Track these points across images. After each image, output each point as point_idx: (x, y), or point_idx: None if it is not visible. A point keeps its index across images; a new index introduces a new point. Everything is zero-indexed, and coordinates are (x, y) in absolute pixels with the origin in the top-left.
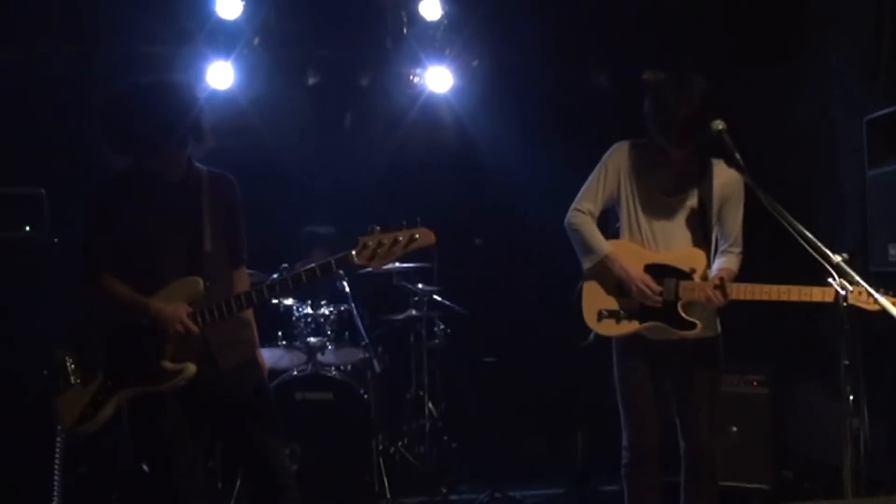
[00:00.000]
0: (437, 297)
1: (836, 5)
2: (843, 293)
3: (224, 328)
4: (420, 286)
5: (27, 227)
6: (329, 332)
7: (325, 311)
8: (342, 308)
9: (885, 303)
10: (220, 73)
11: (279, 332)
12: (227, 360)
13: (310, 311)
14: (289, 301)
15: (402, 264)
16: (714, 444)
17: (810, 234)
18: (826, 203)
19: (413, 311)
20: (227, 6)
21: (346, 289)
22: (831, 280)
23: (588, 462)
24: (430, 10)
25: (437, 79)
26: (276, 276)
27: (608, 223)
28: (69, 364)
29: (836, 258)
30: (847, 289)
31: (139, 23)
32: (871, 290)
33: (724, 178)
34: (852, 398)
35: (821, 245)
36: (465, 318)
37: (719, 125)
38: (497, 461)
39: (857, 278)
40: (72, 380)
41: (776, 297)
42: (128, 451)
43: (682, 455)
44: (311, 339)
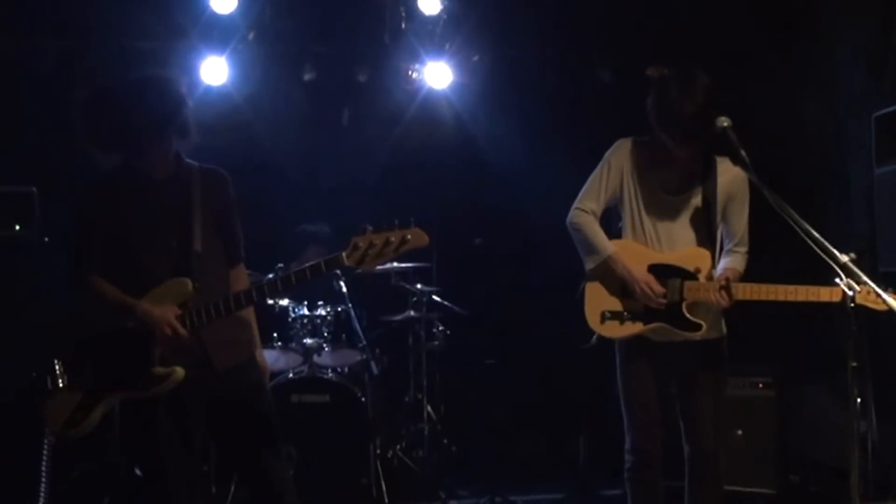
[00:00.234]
0: (436, 298)
1: None
2: (850, 293)
3: (220, 329)
4: (419, 286)
5: (17, 226)
6: (326, 334)
7: (321, 311)
8: (339, 309)
9: (893, 303)
10: (214, 69)
11: (275, 334)
12: (223, 362)
13: (306, 311)
14: (285, 302)
15: (401, 264)
16: (719, 448)
17: (817, 234)
18: (833, 201)
19: (412, 312)
20: (221, 0)
21: (344, 289)
22: (838, 280)
23: (590, 466)
24: (429, 4)
25: (437, 74)
26: (271, 276)
27: (611, 222)
28: (58, 367)
29: (844, 258)
30: (854, 289)
31: (132, 18)
32: (878, 290)
33: (729, 175)
34: (860, 400)
35: (828, 244)
36: (464, 319)
37: (724, 122)
38: (497, 465)
39: (865, 278)
40: (60, 382)
41: (782, 297)
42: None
43: (686, 459)
44: (308, 341)
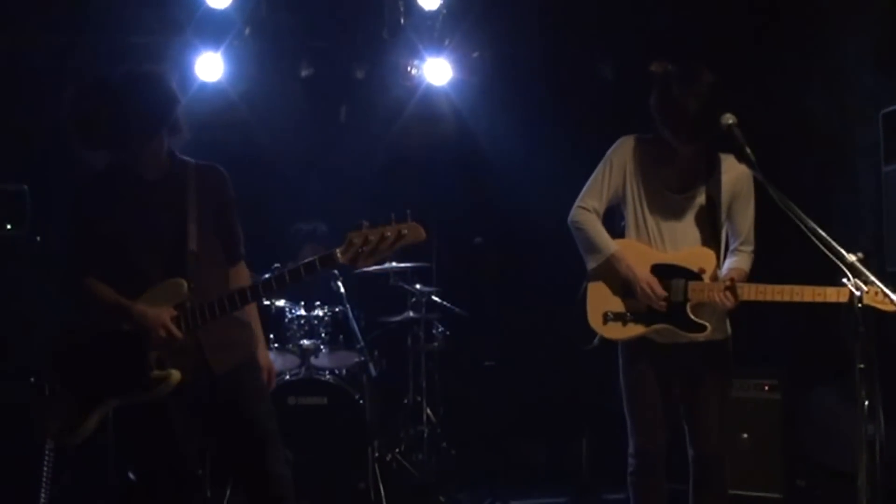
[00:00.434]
0: (435, 298)
1: None
2: (857, 294)
3: (217, 330)
4: (418, 287)
5: (9, 226)
6: (323, 335)
7: (318, 312)
8: (337, 309)
9: None
10: (209, 65)
11: (271, 335)
12: (221, 364)
13: (303, 312)
14: (281, 302)
15: (400, 264)
16: (724, 452)
17: (824, 233)
18: (840, 200)
19: (411, 313)
20: None
21: (342, 289)
22: (845, 280)
23: (593, 470)
24: None
25: (436, 71)
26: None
27: (614, 222)
28: (54, 370)
29: (851, 257)
30: (862, 289)
31: (126, 12)
32: (886, 290)
33: (734, 173)
34: (868, 403)
35: (835, 244)
36: (464, 319)
37: (730, 119)
38: (498, 469)
39: (873, 278)
40: (56, 387)
41: (788, 297)
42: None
43: (690, 463)
44: (305, 342)
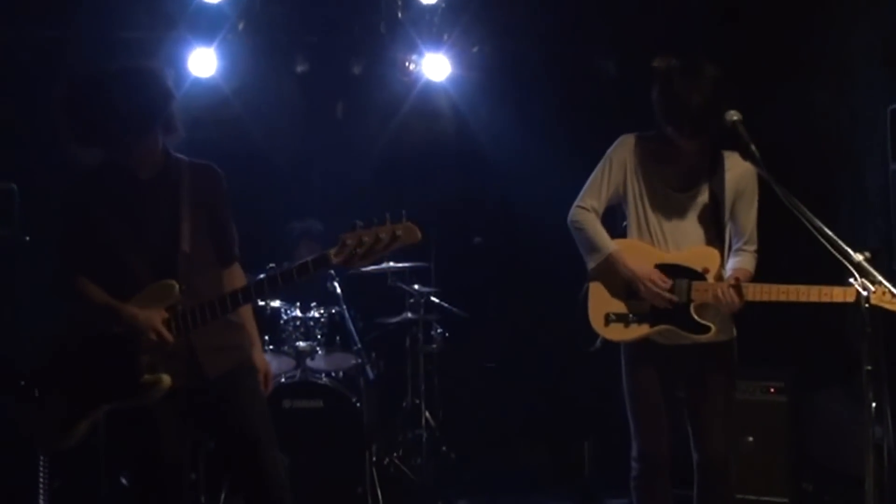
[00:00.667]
0: (434, 299)
1: None
2: (864, 293)
3: (211, 333)
4: (416, 287)
5: None
6: (319, 337)
7: (314, 313)
8: (333, 310)
9: None
10: (202, 61)
11: (266, 336)
12: (215, 368)
13: (299, 313)
14: (276, 303)
15: (398, 264)
16: (729, 456)
17: (830, 231)
18: (847, 198)
19: (409, 314)
20: None
21: (338, 290)
22: (852, 280)
23: (595, 474)
24: None
25: (435, 66)
26: (262, 276)
27: (616, 221)
28: (43, 374)
29: (858, 256)
30: (869, 289)
31: (117, 7)
32: (894, 290)
33: (738, 171)
34: (875, 405)
35: (841, 242)
36: (464, 321)
37: (734, 116)
38: (498, 473)
39: (880, 278)
40: (46, 391)
41: (794, 297)
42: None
43: (695, 467)
44: (300, 344)
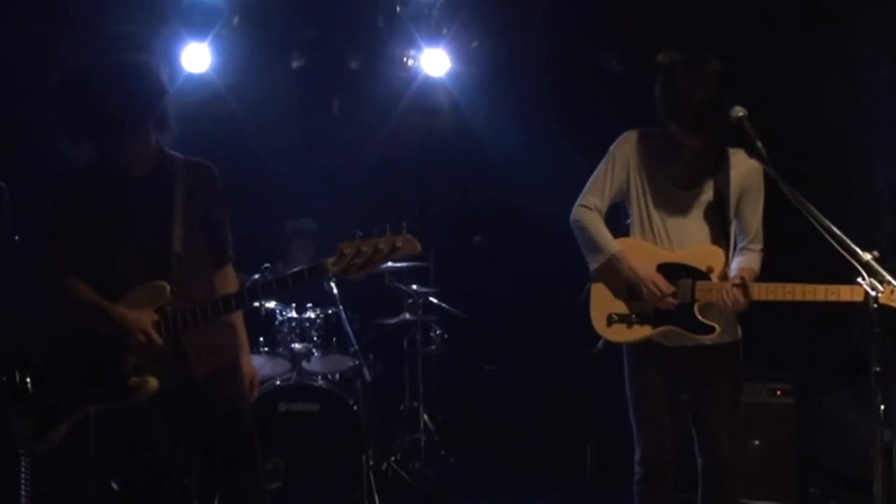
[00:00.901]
0: (433, 300)
1: None
2: (873, 293)
3: (201, 334)
4: (415, 287)
5: None
6: (315, 338)
7: (311, 314)
8: (330, 311)
9: None
10: (196, 56)
11: (261, 338)
12: (203, 369)
13: (294, 314)
14: (272, 304)
15: (396, 264)
16: (734, 459)
17: (838, 230)
18: (856, 196)
19: (407, 315)
20: None
21: (335, 291)
22: (861, 279)
23: (597, 478)
24: None
25: (434, 61)
26: (257, 276)
27: (619, 220)
28: (27, 373)
29: (866, 256)
30: (878, 289)
31: (110, 1)
32: None
33: (743, 168)
34: (883, 408)
35: (849, 241)
36: (463, 322)
37: (740, 111)
38: (498, 477)
39: (889, 277)
40: (29, 390)
41: (801, 297)
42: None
43: (699, 471)
44: (296, 346)
